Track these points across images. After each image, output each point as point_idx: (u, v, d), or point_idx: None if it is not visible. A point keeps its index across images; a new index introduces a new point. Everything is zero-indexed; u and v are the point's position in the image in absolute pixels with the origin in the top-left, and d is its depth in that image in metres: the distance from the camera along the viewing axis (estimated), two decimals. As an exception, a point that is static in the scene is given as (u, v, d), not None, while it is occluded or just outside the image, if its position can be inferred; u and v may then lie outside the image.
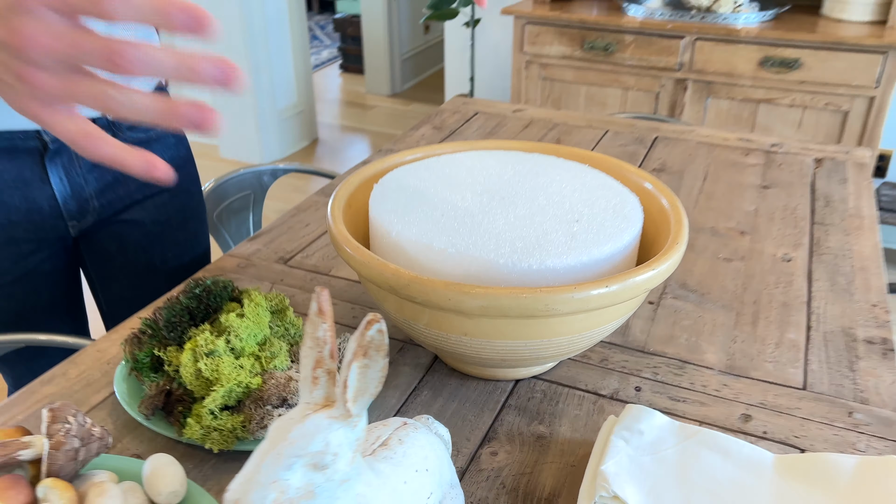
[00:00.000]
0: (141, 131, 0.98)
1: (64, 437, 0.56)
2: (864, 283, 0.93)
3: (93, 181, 0.95)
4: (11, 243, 0.93)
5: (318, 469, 0.41)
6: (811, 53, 1.98)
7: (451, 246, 0.66)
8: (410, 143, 1.39)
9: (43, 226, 0.94)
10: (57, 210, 0.94)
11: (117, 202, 0.99)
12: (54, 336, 0.95)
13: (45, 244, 0.96)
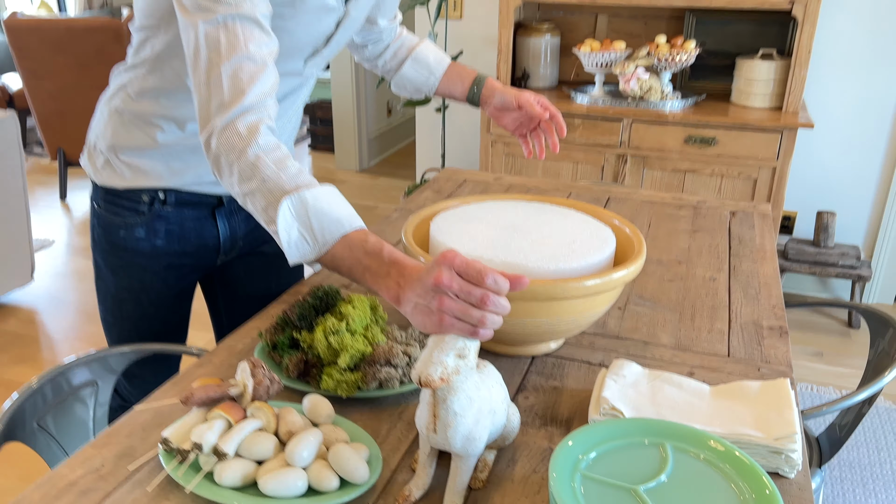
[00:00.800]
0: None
1: (262, 377, 0.86)
2: (766, 293, 1.31)
3: (244, 227, 1.30)
4: (181, 267, 1.27)
5: (462, 357, 0.73)
6: (725, 133, 2.45)
7: (495, 256, 1.00)
8: (419, 202, 1.73)
9: (204, 257, 1.28)
10: (217, 246, 1.28)
11: (255, 241, 1.34)
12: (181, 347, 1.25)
13: (199, 270, 1.31)
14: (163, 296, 1.28)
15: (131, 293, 1.27)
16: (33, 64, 3.52)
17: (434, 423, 0.76)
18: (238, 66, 0.89)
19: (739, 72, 2.61)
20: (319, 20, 1.09)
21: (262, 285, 1.39)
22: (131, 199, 1.20)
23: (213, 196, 1.23)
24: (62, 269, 3.15)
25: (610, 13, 2.89)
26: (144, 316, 1.29)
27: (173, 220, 1.22)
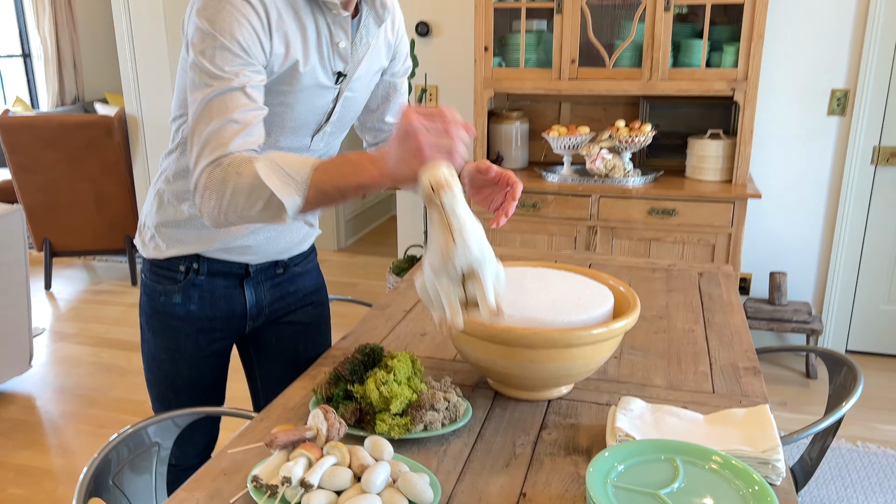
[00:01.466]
0: (299, 266, 1.48)
1: (333, 420, 1.01)
2: (738, 340, 1.51)
3: (269, 296, 1.45)
4: (212, 331, 1.42)
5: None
6: (683, 204, 2.72)
7: (516, 312, 1.18)
8: (422, 274, 1.92)
9: (232, 322, 1.43)
10: (244, 313, 1.43)
11: (281, 310, 1.49)
12: (227, 409, 1.38)
13: (229, 335, 1.45)
14: (195, 357, 1.42)
15: (168, 353, 1.42)
16: (24, 159, 3.66)
17: (451, 234, 0.90)
18: (223, 126, 1.06)
19: (691, 150, 2.91)
20: (316, 96, 1.24)
21: (292, 351, 1.53)
22: (170, 269, 1.37)
23: (240, 265, 1.39)
24: (55, 356, 3.21)
25: (572, 101, 3.20)
26: (179, 375, 1.44)
27: (206, 287, 1.38)
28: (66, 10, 6.78)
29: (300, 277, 1.52)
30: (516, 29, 3.04)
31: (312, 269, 1.56)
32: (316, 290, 1.57)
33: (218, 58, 1.07)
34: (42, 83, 6.79)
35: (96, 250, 3.99)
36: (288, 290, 1.49)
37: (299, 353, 1.54)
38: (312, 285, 1.55)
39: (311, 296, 1.55)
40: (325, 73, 1.22)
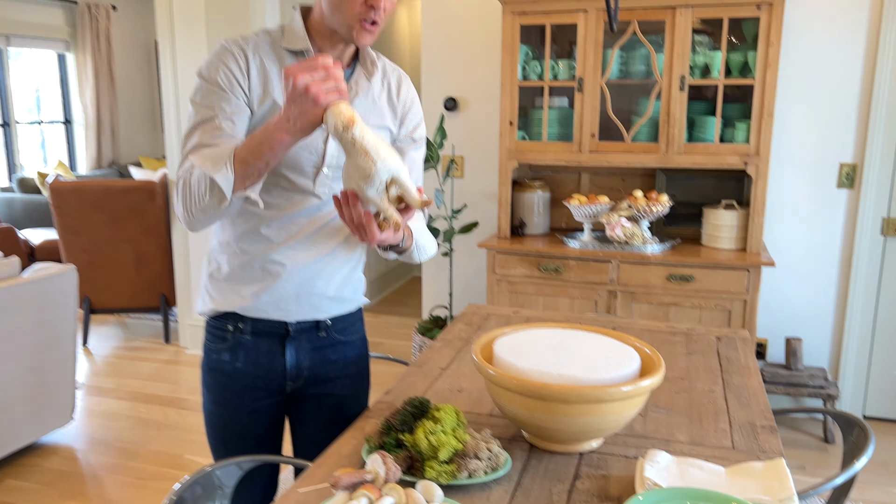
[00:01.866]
0: (342, 334, 1.60)
1: (391, 465, 1.13)
2: (755, 401, 1.62)
3: (308, 359, 1.57)
4: (255, 389, 1.54)
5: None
6: (700, 271, 2.85)
7: (552, 369, 1.30)
8: (455, 333, 2.04)
9: (273, 381, 1.55)
10: (284, 373, 1.54)
11: (320, 375, 1.59)
12: (288, 458, 1.50)
13: (271, 393, 1.56)
14: (240, 413, 1.54)
15: (217, 407, 1.56)
16: (71, 221, 3.87)
17: (369, 157, 1.14)
18: (195, 150, 1.29)
19: (707, 219, 3.06)
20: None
21: (331, 420, 1.62)
22: (221, 329, 1.52)
23: (280, 324, 1.51)
24: (94, 410, 3.33)
25: (592, 172, 3.37)
26: (227, 428, 1.56)
27: (251, 347, 1.51)
28: (107, 80, 7.16)
29: (343, 347, 1.60)
30: (539, 105, 3.24)
31: (357, 340, 1.64)
32: (359, 361, 1.65)
33: (200, 96, 1.33)
34: (81, 147, 7.11)
35: (132, 308, 4.15)
36: (329, 357, 1.57)
37: (338, 421, 1.62)
38: (355, 356, 1.63)
39: (353, 366, 1.62)
40: None
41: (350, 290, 1.58)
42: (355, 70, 1.45)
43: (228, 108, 1.32)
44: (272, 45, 1.39)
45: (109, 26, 7.13)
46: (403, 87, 1.52)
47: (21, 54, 6.62)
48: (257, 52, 1.36)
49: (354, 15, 1.30)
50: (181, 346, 4.17)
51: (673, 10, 2.81)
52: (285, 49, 1.39)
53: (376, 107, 1.47)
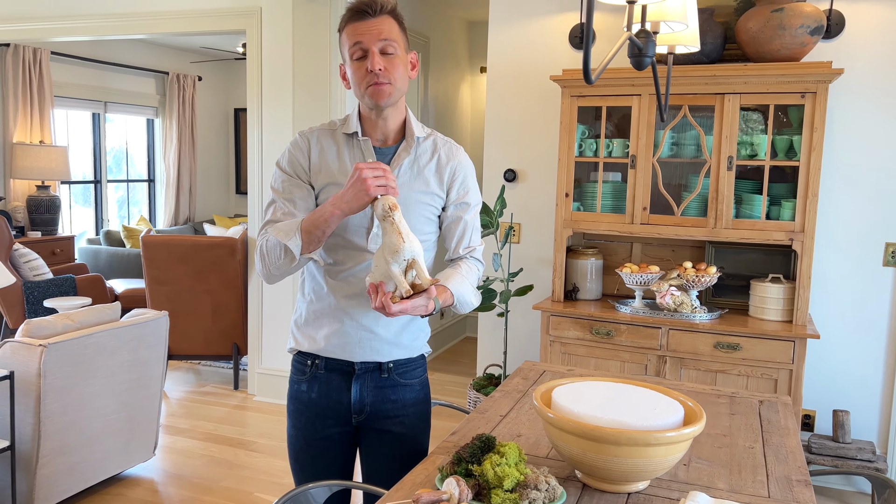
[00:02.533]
0: (403, 377, 1.83)
1: (464, 487, 1.33)
2: (793, 458, 1.76)
3: (371, 396, 1.80)
4: (325, 417, 1.79)
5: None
6: (747, 340, 2.98)
7: (605, 415, 1.49)
8: (513, 385, 2.23)
9: (340, 413, 1.79)
10: (349, 406, 1.79)
11: (381, 412, 1.81)
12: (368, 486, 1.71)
13: (339, 423, 1.81)
14: (312, 437, 1.80)
15: (296, 431, 1.83)
16: (158, 272, 4.23)
17: (401, 237, 1.48)
18: (268, 224, 1.71)
19: (754, 291, 3.20)
20: None
21: (391, 454, 1.83)
22: (301, 363, 1.81)
23: (347, 363, 1.76)
24: (171, 448, 3.59)
25: (643, 242, 3.56)
26: (301, 451, 1.83)
27: (324, 380, 1.78)
28: (189, 143, 7.72)
29: (403, 389, 1.82)
30: (593, 178, 3.47)
31: (417, 384, 1.85)
32: (417, 403, 1.85)
33: (277, 182, 1.74)
34: (161, 204, 7.64)
35: (206, 355, 4.45)
36: (390, 396, 1.79)
37: (397, 457, 1.83)
38: (414, 399, 1.84)
39: (411, 407, 1.83)
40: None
41: (409, 336, 1.81)
42: (400, 145, 1.74)
43: (296, 191, 1.71)
44: (333, 132, 1.75)
45: (195, 94, 7.75)
46: (453, 158, 1.78)
47: (112, 120, 7.24)
48: (320, 139, 1.74)
49: (364, 83, 1.63)
50: (249, 392, 4.43)
51: (722, 97, 3.04)
52: (343, 133, 1.73)
53: (421, 176, 1.74)
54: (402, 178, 1.71)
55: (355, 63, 1.63)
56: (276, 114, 4.22)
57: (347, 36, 1.62)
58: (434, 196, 1.76)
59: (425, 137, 1.77)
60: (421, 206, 1.74)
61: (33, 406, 2.64)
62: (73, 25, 4.74)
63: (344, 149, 1.73)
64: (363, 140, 1.71)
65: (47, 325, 2.77)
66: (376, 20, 1.60)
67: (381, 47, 1.60)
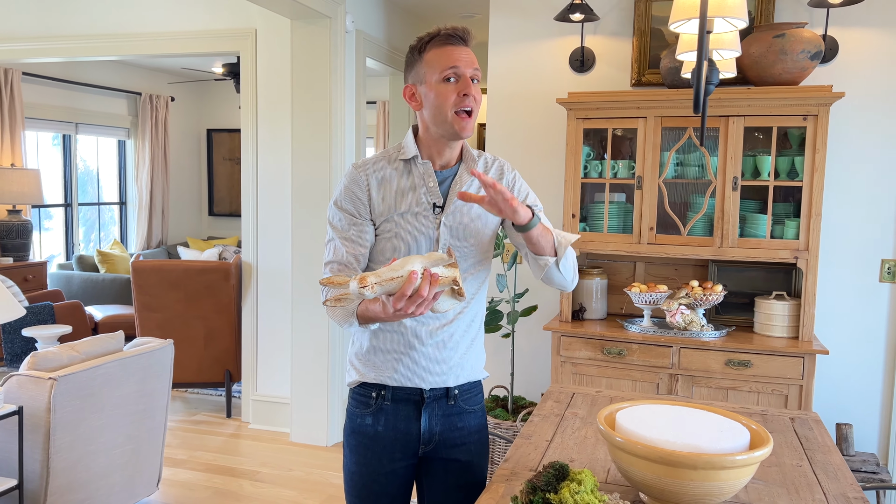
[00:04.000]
0: (467, 403, 1.81)
1: None
2: (843, 475, 1.78)
3: (439, 425, 1.77)
4: (393, 451, 1.75)
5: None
6: (757, 357, 3.04)
7: (677, 439, 1.49)
8: (548, 409, 2.22)
9: (409, 444, 1.76)
10: (418, 437, 1.75)
11: (448, 441, 1.79)
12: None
13: (405, 456, 1.77)
14: (377, 472, 1.75)
15: (359, 467, 1.77)
16: (149, 298, 4.11)
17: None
18: (331, 264, 1.71)
19: (759, 308, 3.26)
20: (416, 221, 1.68)
21: (454, 483, 1.81)
22: (365, 396, 1.76)
23: (417, 391, 1.73)
24: (172, 480, 3.47)
25: (647, 262, 3.61)
26: (365, 486, 1.77)
27: (391, 412, 1.74)
28: (161, 164, 7.57)
29: (468, 416, 1.81)
30: (599, 199, 3.51)
31: (479, 409, 1.86)
32: (479, 429, 1.86)
33: (335, 219, 1.72)
34: (133, 227, 7.45)
35: (198, 383, 4.34)
36: (456, 424, 1.79)
37: (461, 485, 1.81)
38: (477, 425, 1.84)
39: (475, 434, 1.83)
40: (418, 204, 1.69)
41: (473, 358, 1.81)
42: (460, 167, 1.74)
43: (353, 228, 1.70)
44: (388, 160, 1.73)
45: (167, 115, 7.62)
46: (506, 173, 1.81)
47: (84, 141, 7.06)
48: (377, 169, 1.71)
49: (451, 106, 1.61)
50: (243, 420, 4.33)
51: (727, 119, 3.11)
52: (400, 160, 1.72)
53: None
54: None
55: (443, 85, 1.61)
56: (274, 134, 4.17)
57: (438, 57, 1.61)
58: (491, 214, 1.75)
59: (478, 157, 1.78)
60: (484, 225, 1.75)
61: (42, 442, 2.52)
62: (52, 46, 4.62)
63: (403, 176, 1.72)
64: (423, 163, 1.71)
65: (53, 357, 2.66)
66: (468, 49, 1.62)
67: (471, 75, 1.61)
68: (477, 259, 1.76)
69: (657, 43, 3.53)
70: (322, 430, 4.01)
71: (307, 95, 3.89)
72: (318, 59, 3.85)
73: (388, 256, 1.71)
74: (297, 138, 3.92)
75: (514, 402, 3.63)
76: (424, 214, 1.70)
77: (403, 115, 5.33)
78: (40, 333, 4.45)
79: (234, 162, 8.15)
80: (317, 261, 3.89)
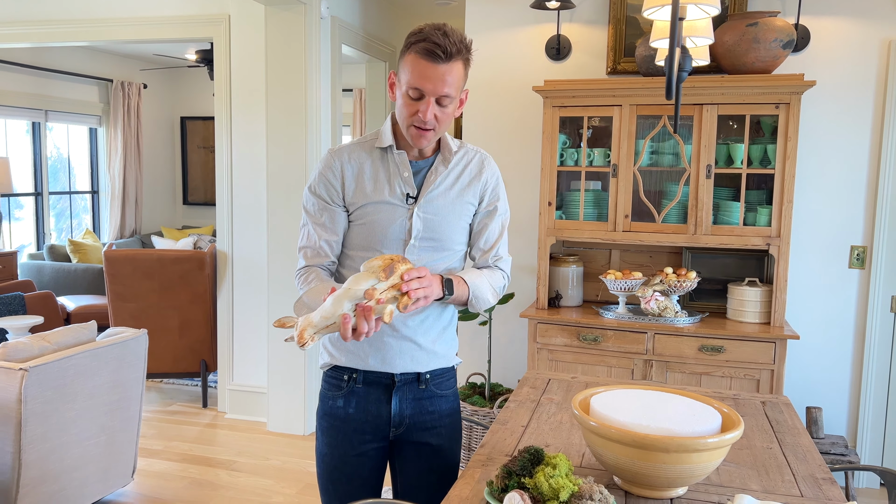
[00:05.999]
0: (438, 387, 1.81)
1: (528, 500, 1.32)
2: (811, 457, 1.82)
3: (410, 408, 1.78)
4: (363, 433, 1.77)
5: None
6: (730, 342, 3.08)
7: (651, 423, 1.51)
8: (524, 395, 2.24)
9: (379, 427, 1.77)
10: (388, 420, 1.76)
11: (419, 424, 1.80)
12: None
13: (377, 438, 1.78)
14: (349, 454, 1.77)
15: (329, 448, 1.79)
16: (122, 288, 4.06)
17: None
18: (304, 249, 1.74)
19: (732, 295, 3.31)
20: (389, 211, 1.69)
21: (427, 466, 1.82)
22: (337, 378, 1.78)
23: (388, 376, 1.75)
24: (147, 470, 3.44)
25: (622, 249, 3.64)
26: (336, 468, 1.79)
27: (362, 395, 1.76)
28: (134, 152, 7.46)
29: (439, 400, 1.83)
30: (575, 187, 3.53)
31: (450, 394, 1.87)
32: (451, 414, 1.86)
33: (308, 204, 1.74)
34: (106, 216, 7.34)
35: (173, 373, 4.30)
36: (427, 408, 1.80)
37: (433, 469, 1.83)
38: (448, 409, 1.85)
39: (447, 418, 1.85)
40: (392, 194, 1.69)
41: (444, 346, 1.82)
42: (436, 158, 1.74)
43: (326, 214, 1.72)
44: (364, 146, 1.74)
45: (140, 102, 7.50)
46: (486, 169, 1.80)
47: (54, 129, 6.93)
48: (352, 156, 1.72)
49: (409, 119, 1.62)
50: (220, 410, 4.30)
51: (701, 107, 3.14)
52: (377, 147, 1.72)
53: (456, 187, 1.75)
54: (439, 190, 1.73)
55: (407, 98, 1.60)
56: (248, 122, 4.12)
57: (410, 71, 1.57)
58: (469, 205, 1.77)
59: (458, 148, 1.77)
60: (458, 217, 1.76)
61: (13, 434, 2.49)
62: (21, 32, 4.52)
63: (379, 164, 1.72)
64: (398, 154, 1.70)
65: (24, 347, 2.62)
66: (446, 66, 1.55)
67: (438, 98, 1.58)
68: (450, 248, 1.77)
69: (632, 31, 3.55)
70: (299, 419, 4.00)
71: (282, 82, 3.85)
72: (293, 46, 3.81)
73: (362, 243, 1.72)
74: (271, 125, 3.89)
75: (492, 388, 3.65)
76: (398, 204, 1.70)
77: (380, 103, 5.30)
78: (11, 324, 4.38)
79: (209, 150, 8.05)
80: (292, 249, 3.86)
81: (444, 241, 1.75)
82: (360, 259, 1.73)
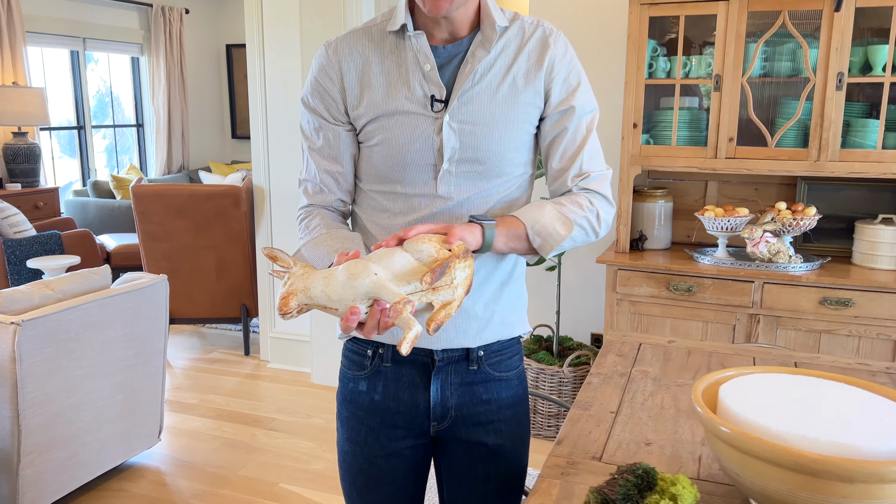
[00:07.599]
0: (497, 368, 1.33)
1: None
2: None
3: (456, 396, 1.30)
4: (394, 427, 1.29)
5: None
6: (861, 294, 2.50)
7: (821, 436, 1.00)
8: (609, 367, 1.75)
9: (414, 420, 1.30)
10: (427, 410, 1.29)
11: (470, 418, 1.31)
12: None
13: (412, 434, 1.31)
14: (375, 453, 1.31)
15: (351, 445, 1.33)
16: (153, 227, 3.71)
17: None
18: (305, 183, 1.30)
19: (860, 235, 2.70)
20: (410, 124, 1.18)
21: (483, 473, 1.35)
22: (359, 354, 1.30)
23: (425, 352, 1.26)
24: (178, 429, 3.15)
25: (720, 180, 3.04)
26: (360, 472, 1.33)
27: (391, 377, 1.28)
28: (179, 83, 7.10)
29: (498, 385, 1.32)
30: (665, 105, 2.93)
31: (514, 377, 1.36)
32: (515, 404, 1.36)
33: (304, 122, 1.29)
34: (152, 151, 7.07)
35: (212, 318, 3.98)
36: (481, 396, 1.31)
37: (490, 476, 1.35)
38: (511, 398, 1.35)
39: (508, 409, 1.34)
40: (410, 98, 1.18)
41: (503, 309, 1.30)
42: (474, 39, 1.19)
43: (324, 136, 1.26)
44: (371, 34, 1.23)
45: (182, 29, 7.09)
46: (551, 48, 1.21)
47: (96, 59, 6.60)
48: (353, 49, 1.23)
49: None
50: (262, 359, 3.98)
51: (834, -2, 2.47)
52: (390, 32, 1.20)
53: (507, 80, 1.19)
54: (481, 87, 1.18)
55: None
56: (281, 44, 3.63)
57: None
58: (529, 107, 1.22)
59: (509, 23, 1.21)
60: (512, 126, 1.20)
61: (9, 396, 2.16)
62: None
63: (391, 57, 1.20)
64: (415, 35, 1.18)
65: (21, 296, 2.27)
66: None
67: None
68: (503, 173, 1.22)
69: None
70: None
71: (319, -11, 3.32)
72: (330, -56, 3.26)
73: (376, 173, 1.23)
74: (306, 37, 3.38)
75: (560, 343, 3.18)
76: (420, 112, 1.18)
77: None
78: (46, 265, 4.11)
79: (256, 80, 7.61)
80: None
81: (493, 163, 1.21)
82: (378, 197, 1.25)
